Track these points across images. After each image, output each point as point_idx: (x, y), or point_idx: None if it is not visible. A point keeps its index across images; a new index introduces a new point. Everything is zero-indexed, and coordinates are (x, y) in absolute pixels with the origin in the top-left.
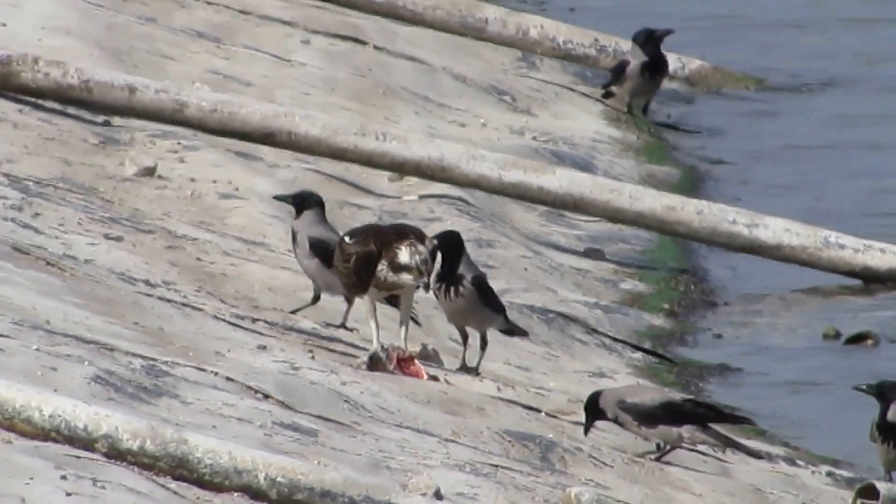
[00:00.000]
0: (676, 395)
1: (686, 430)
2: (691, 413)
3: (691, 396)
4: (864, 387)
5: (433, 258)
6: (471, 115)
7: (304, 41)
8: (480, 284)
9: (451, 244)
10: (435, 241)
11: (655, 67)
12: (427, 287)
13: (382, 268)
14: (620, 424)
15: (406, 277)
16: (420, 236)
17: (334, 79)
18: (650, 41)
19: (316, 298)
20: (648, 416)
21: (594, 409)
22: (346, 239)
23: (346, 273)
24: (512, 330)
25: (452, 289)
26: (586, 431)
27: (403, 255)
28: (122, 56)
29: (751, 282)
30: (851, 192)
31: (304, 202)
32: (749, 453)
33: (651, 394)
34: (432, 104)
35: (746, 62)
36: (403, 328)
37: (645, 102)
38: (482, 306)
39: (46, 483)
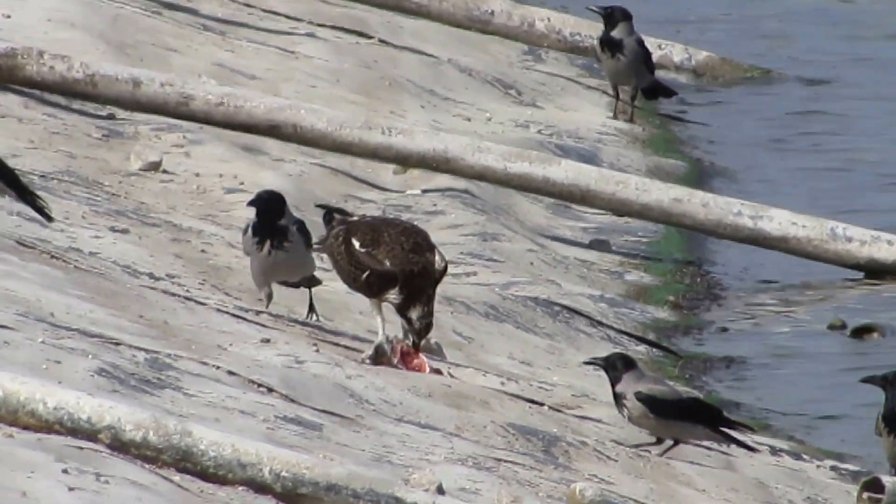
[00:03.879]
0: (686, 395)
1: (698, 429)
2: (704, 415)
3: (697, 395)
4: (872, 378)
5: (441, 278)
6: (476, 109)
7: (310, 34)
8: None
9: (269, 202)
10: (445, 262)
11: (610, 45)
12: (416, 345)
13: (394, 295)
14: (622, 405)
15: (403, 320)
16: (427, 243)
17: (339, 72)
18: (608, 18)
19: None
20: (664, 411)
21: (614, 367)
22: (356, 244)
23: (353, 278)
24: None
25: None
26: (589, 363)
27: (415, 312)
28: (127, 49)
29: (756, 274)
30: (857, 185)
31: None
32: (748, 448)
33: (666, 389)
34: (438, 97)
35: (753, 53)
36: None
37: (633, 89)
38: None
39: (48, 476)
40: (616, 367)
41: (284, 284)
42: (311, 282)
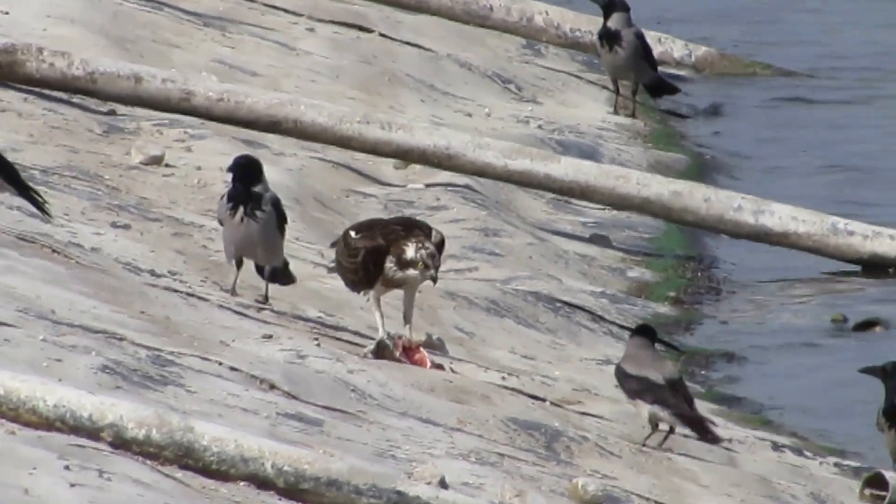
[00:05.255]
0: (663, 376)
1: (658, 409)
2: (663, 400)
3: (679, 378)
4: (871, 369)
5: (440, 251)
6: (476, 104)
7: (309, 29)
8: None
9: (246, 168)
10: (441, 234)
11: (607, 37)
12: (434, 280)
13: (390, 265)
14: None
15: (412, 273)
16: (426, 230)
17: (339, 67)
18: (606, 10)
19: None
20: (628, 388)
21: (635, 332)
22: (352, 233)
23: (352, 268)
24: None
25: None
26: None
27: (410, 251)
28: (127, 45)
29: (758, 269)
30: (859, 179)
31: None
32: (709, 439)
33: (644, 367)
34: (437, 92)
35: (753, 48)
36: (408, 319)
37: (633, 84)
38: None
39: (50, 473)
40: (631, 335)
41: (260, 275)
42: (285, 278)
